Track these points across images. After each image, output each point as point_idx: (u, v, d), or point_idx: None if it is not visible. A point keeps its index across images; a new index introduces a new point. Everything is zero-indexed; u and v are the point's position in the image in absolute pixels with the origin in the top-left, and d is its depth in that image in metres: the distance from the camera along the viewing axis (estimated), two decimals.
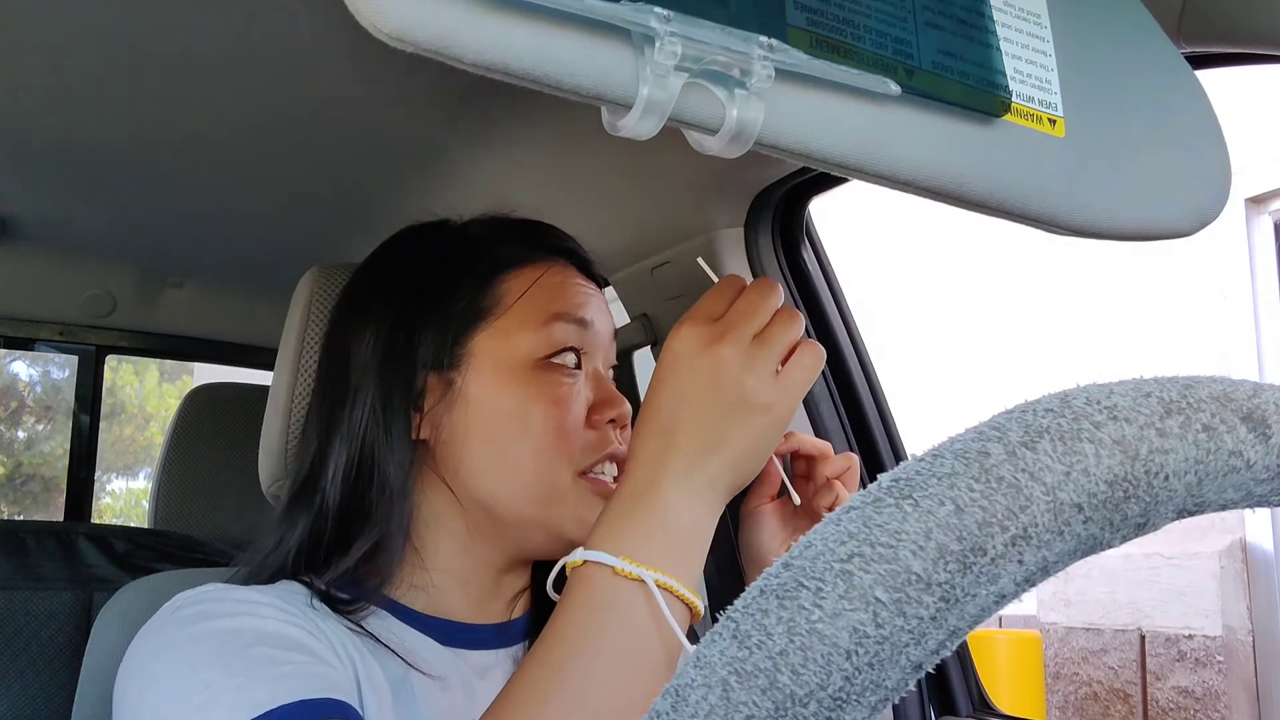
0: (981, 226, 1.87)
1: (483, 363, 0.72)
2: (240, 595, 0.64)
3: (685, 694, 0.23)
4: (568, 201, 1.17)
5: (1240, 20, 0.62)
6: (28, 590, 1.12)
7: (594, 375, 0.76)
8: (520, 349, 0.72)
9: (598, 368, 0.76)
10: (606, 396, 0.74)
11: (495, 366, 0.72)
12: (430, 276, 0.76)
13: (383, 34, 0.34)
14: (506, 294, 0.74)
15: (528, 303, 0.74)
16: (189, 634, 0.60)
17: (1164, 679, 3.41)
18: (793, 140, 0.43)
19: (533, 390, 0.71)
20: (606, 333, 0.78)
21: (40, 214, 1.37)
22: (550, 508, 0.71)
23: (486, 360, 0.72)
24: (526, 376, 0.72)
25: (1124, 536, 0.25)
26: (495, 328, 0.73)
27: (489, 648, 0.74)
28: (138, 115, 1.05)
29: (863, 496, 0.25)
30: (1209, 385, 0.26)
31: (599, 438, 0.73)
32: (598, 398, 0.74)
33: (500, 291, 0.75)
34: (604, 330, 0.77)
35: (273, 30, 0.88)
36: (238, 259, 1.54)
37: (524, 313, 0.74)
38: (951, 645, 0.24)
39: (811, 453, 0.86)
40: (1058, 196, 0.50)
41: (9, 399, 8.91)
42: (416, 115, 1.06)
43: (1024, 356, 3.84)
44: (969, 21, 0.48)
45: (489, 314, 0.74)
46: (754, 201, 1.10)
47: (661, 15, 0.37)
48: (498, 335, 0.73)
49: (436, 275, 0.76)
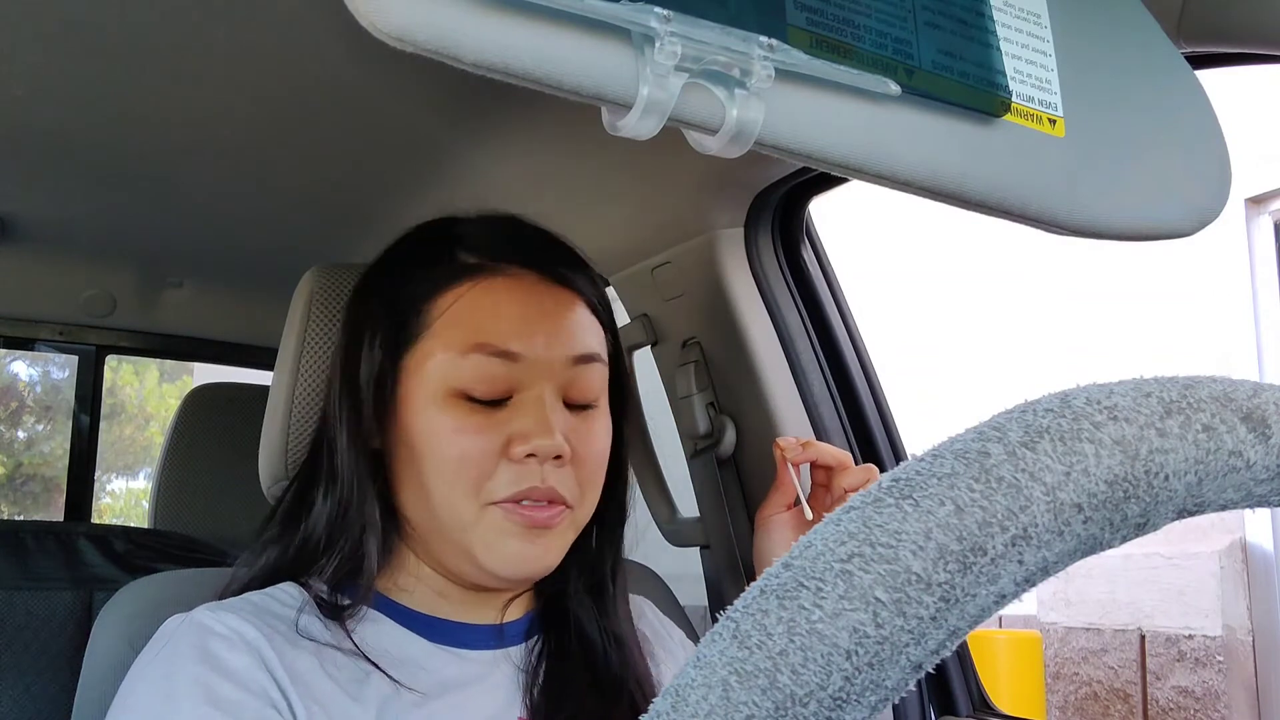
0: (982, 226, 1.87)
1: (409, 384, 0.71)
2: (205, 650, 0.64)
3: (685, 694, 0.23)
4: (568, 201, 1.17)
5: (1240, 20, 0.62)
6: (28, 590, 1.11)
7: (529, 402, 0.70)
8: (435, 375, 0.70)
9: (541, 395, 0.70)
10: (527, 430, 0.69)
11: (416, 390, 0.71)
12: (385, 286, 0.76)
13: (383, 34, 0.34)
14: (437, 313, 0.72)
15: (452, 326, 0.71)
16: (137, 689, 0.64)
17: (1164, 679, 3.41)
18: (793, 140, 0.43)
19: (442, 418, 0.69)
20: (558, 355, 0.71)
21: (40, 214, 1.37)
22: (458, 533, 0.70)
23: (412, 382, 0.71)
24: (441, 404, 0.69)
25: (1124, 537, 0.25)
26: (422, 348, 0.71)
27: (485, 648, 0.74)
28: (138, 115, 1.05)
29: (863, 497, 0.25)
30: (1209, 385, 0.26)
31: (518, 472, 0.69)
32: (520, 429, 0.69)
33: (433, 309, 0.72)
34: (552, 354, 0.71)
35: (272, 30, 0.88)
36: (238, 259, 1.54)
37: (447, 337, 0.71)
38: (951, 645, 0.24)
39: (830, 463, 0.85)
40: (1058, 196, 0.50)
41: (9, 399, 8.90)
42: (416, 115, 1.06)
43: (1024, 356, 3.84)
44: (969, 21, 0.48)
45: (420, 332, 0.72)
46: (754, 201, 1.10)
47: (661, 15, 0.37)
48: (421, 356, 0.71)
49: (389, 285, 0.75)
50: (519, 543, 0.69)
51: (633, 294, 1.24)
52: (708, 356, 1.15)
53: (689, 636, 0.90)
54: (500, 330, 0.70)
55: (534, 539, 0.69)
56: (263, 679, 0.64)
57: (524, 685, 0.73)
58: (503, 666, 0.74)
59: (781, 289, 1.14)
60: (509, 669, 0.74)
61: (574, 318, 0.74)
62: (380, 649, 0.70)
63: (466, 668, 0.72)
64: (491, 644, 0.75)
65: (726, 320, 1.11)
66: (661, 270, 1.18)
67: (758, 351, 1.10)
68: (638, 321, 1.23)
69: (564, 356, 0.71)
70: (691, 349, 1.17)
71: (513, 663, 0.75)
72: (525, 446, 0.68)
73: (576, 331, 0.73)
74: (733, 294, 1.11)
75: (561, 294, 0.74)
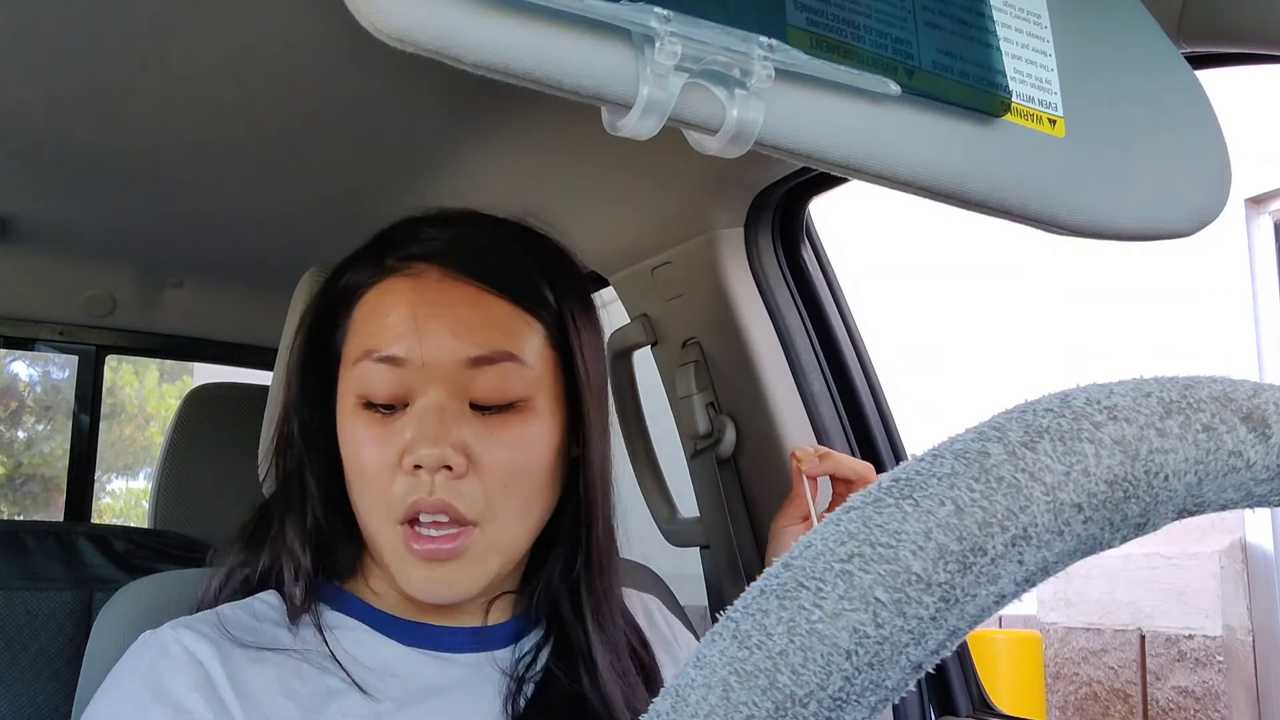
0: (982, 226, 1.87)
1: (340, 391, 0.71)
2: (151, 672, 0.64)
3: (685, 694, 0.23)
4: (568, 201, 1.17)
5: (1240, 20, 0.62)
6: (28, 590, 1.11)
7: (418, 411, 0.66)
8: (346, 384, 0.69)
9: (431, 401, 0.66)
10: (415, 439, 0.65)
11: (341, 398, 0.70)
12: (327, 293, 0.75)
13: (383, 34, 0.34)
14: (350, 324, 0.71)
15: (354, 335, 0.69)
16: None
17: (1164, 679, 3.41)
18: (793, 140, 0.43)
19: (353, 429, 0.68)
20: (448, 357, 0.66)
21: (40, 214, 1.37)
22: (379, 550, 0.69)
23: (341, 389, 0.70)
24: (351, 414, 0.68)
25: (1124, 537, 0.25)
26: (345, 357, 0.70)
27: (466, 651, 0.72)
28: (138, 116, 1.05)
29: (863, 497, 0.25)
30: (1209, 385, 0.26)
31: (409, 484, 0.65)
32: (409, 439, 0.65)
33: (351, 320, 0.71)
34: (441, 356, 0.66)
35: (272, 30, 0.88)
36: (238, 259, 1.54)
37: (350, 347, 0.70)
38: (951, 645, 0.24)
39: (850, 476, 0.82)
40: (1058, 196, 0.50)
41: (9, 399, 8.90)
42: (416, 115, 1.06)
43: (1024, 356, 3.84)
44: (969, 21, 0.48)
45: (345, 341, 0.71)
46: (754, 201, 1.10)
47: (661, 15, 0.37)
48: (344, 365, 0.70)
49: (330, 292, 0.74)
50: (423, 570, 0.66)
51: (633, 294, 1.24)
52: (708, 356, 1.15)
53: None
54: (384, 335, 0.67)
55: (435, 569, 0.66)
56: (199, 702, 0.63)
57: (508, 692, 0.70)
58: (487, 670, 0.71)
59: (781, 289, 1.14)
60: (494, 674, 0.71)
61: (474, 315, 0.68)
62: (351, 657, 0.68)
63: (449, 670, 0.70)
64: (474, 647, 0.72)
65: (726, 320, 1.11)
66: (661, 270, 1.18)
67: (758, 351, 1.10)
68: (638, 321, 1.23)
69: (456, 359, 0.66)
70: (691, 349, 1.17)
71: (499, 667, 0.72)
72: (411, 457, 0.65)
73: (475, 330, 0.67)
74: (733, 294, 1.11)
75: (464, 289, 0.68)
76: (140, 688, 0.64)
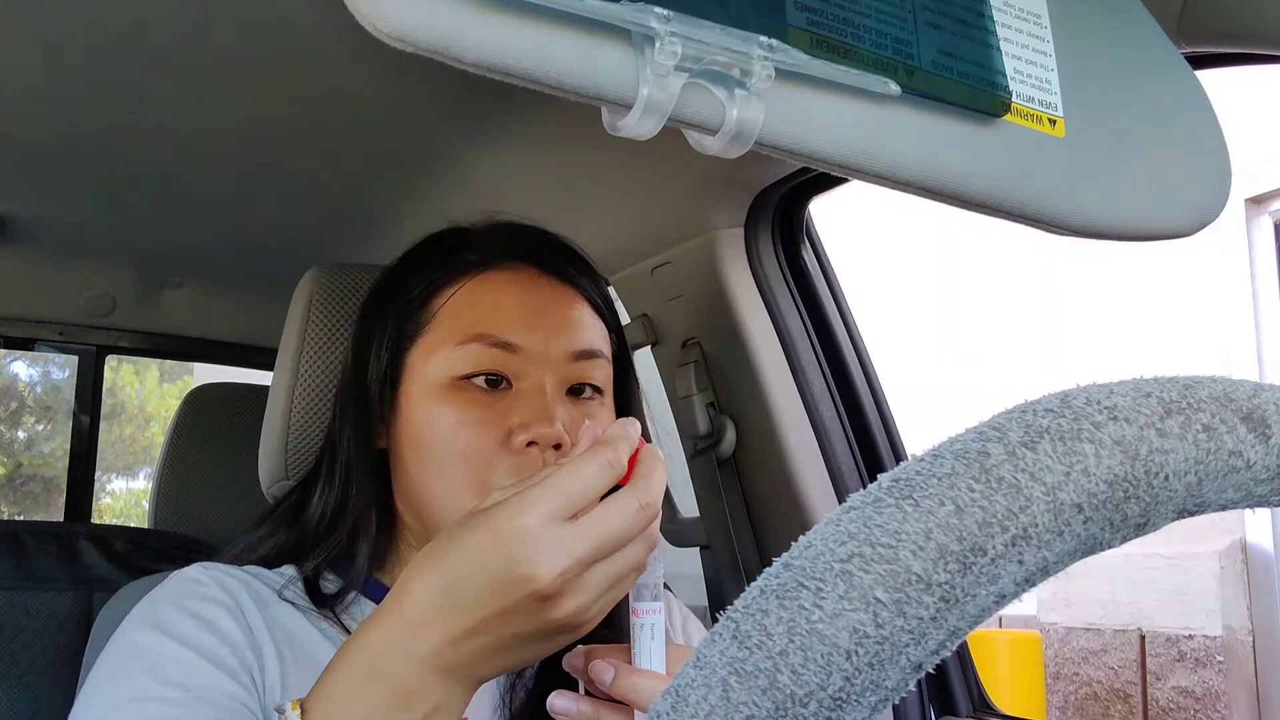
0: (982, 227, 1.87)
1: (412, 379, 0.73)
2: (198, 597, 0.67)
3: (685, 694, 0.23)
4: (568, 201, 1.17)
5: (1240, 20, 0.62)
6: (28, 590, 1.11)
7: (529, 392, 0.70)
8: (438, 367, 0.71)
9: (542, 383, 0.70)
10: (528, 418, 0.68)
11: (421, 384, 0.72)
12: (392, 289, 0.77)
13: (383, 34, 0.34)
14: (439, 308, 0.73)
15: (452, 319, 0.72)
16: (119, 640, 0.66)
17: (1164, 679, 3.41)
18: (793, 140, 0.43)
19: (443, 411, 0.70)
20: (558, 350, 0.71)
21: (40, 214, 1.37)
22: None
23: (416, 376, 0.72)
24: (442, 395, 0.70)
25: (1124, 537, 0.25)
26: (424, 344, 0.73)
27: None
28: (138, 115, 1.05)
29: (863, 496, 0.25)
30: (1209, 385, 0.26)
31: (518, 464, 0.68)
32: (520, 418, 0.69)
33: (435, 305, 0.73)
34: (552, 348, 0.71)
35: (272, 31, 0.88)
36: (238, 259, 1.54)
37: (448, 330, 0.72)
38: (951, 645, 0.24)
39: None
40: (1058, 196, 0.50)
41: (9, 399, 8.90)
42: (416, 115, 1.06)
43: (1024, 356, 3.84)
44: (969, 21, 0.48)
45: (422, 329, 0.73)
46: (754, 201, 1.10)
47: (661, 15, 0.37)
48: (424, 352, 0.72)
49: (396, 287, 0.77)
50: None
51: (633, 294, 1.24)
52: (708, 356, 1.15)
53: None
54: (499, 322, 0.71)
55: None
56: (231, 625, 0.66)
57: (506, 684, 0.72)
58: None
59: (781, 289, 1.14)
60: None
61: (574, 314, 0.74)
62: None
63: None
64: None
65: (726, 320, 1.11)
66: (661, 270, 1.18)
67: (758, 352, 1.10)
68: (638, 321, 1.23)
69: (564, 351, 0.72)
70: (691, 349, 1.17)
71: None
72: (525, 435, 0.68)
73: (577, 327, 0.73)
74: (733, 294, 1.11)
75: (561, 290, 0.75)
76: (169, 606, 0.66)
